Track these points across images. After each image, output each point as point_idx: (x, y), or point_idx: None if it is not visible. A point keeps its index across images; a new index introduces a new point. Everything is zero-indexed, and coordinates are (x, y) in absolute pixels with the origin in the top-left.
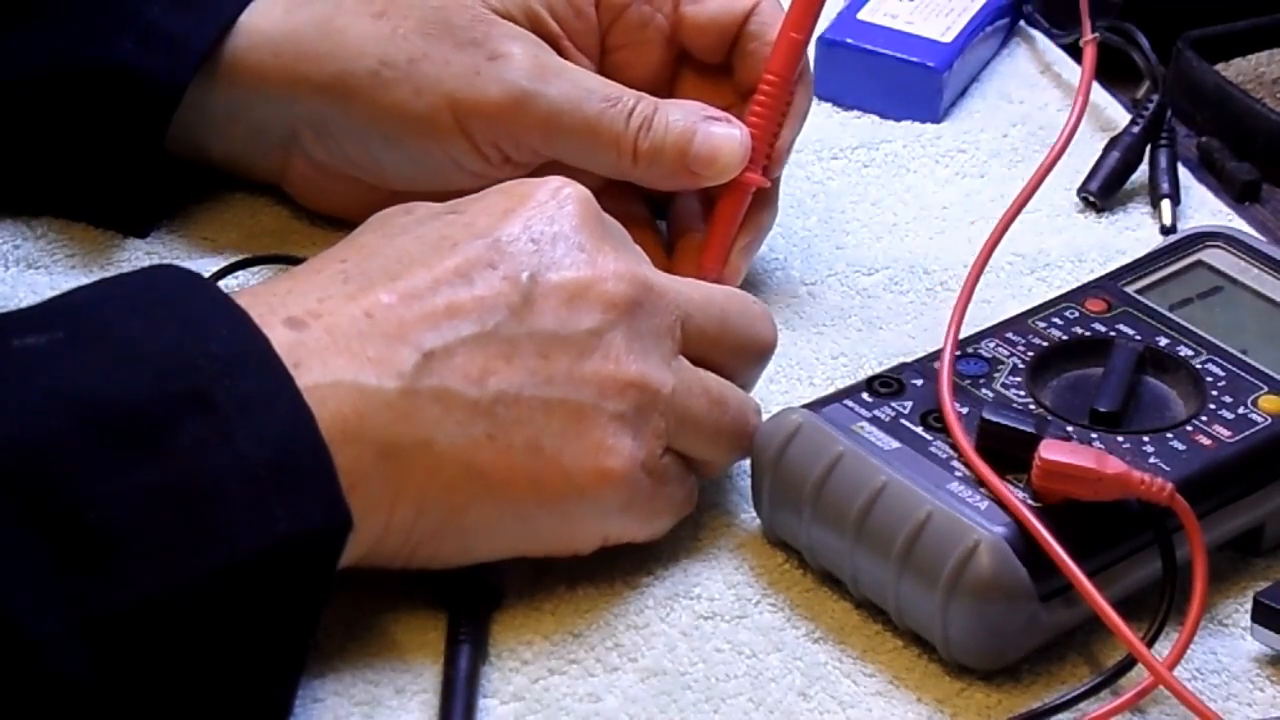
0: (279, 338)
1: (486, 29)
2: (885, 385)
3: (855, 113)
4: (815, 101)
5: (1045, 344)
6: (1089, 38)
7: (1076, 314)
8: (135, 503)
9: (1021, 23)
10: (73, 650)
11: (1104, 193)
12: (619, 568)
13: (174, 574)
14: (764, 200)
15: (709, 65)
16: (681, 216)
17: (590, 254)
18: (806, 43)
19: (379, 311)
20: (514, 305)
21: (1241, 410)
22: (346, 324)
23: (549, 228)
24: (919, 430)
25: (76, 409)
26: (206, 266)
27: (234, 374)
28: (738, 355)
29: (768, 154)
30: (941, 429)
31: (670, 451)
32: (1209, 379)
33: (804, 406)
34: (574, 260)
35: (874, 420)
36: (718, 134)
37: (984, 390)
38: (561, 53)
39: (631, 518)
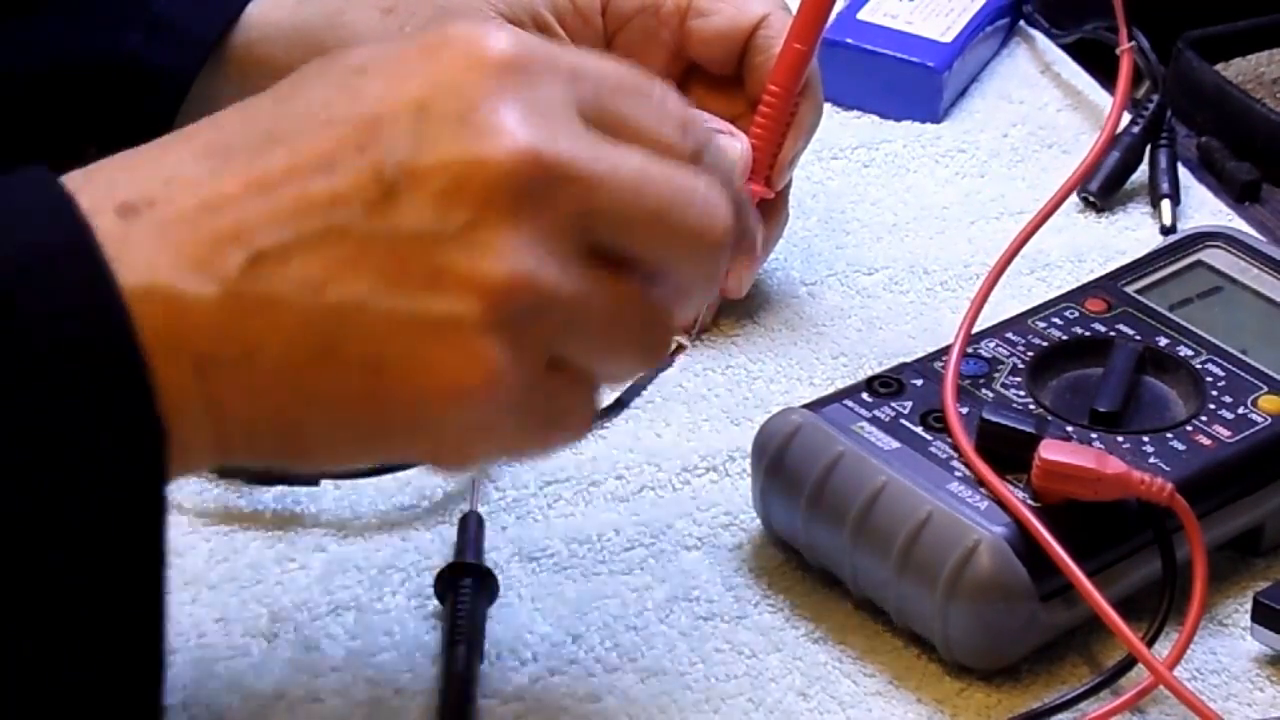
0: (105, 226)
1: None
2: (885, 385)
3: (855, 113)
4: None
5: (1045, 344)
6: (1125, 47)
7: (1076, 314)
8: None
9: (1021, 23)
10: None
11: (1104, 193)
12: (619, 568)
13: None
14: (770, 212)
15: (719, 74)
16: None
17: (484, 131)
18: (810, 54)
19: (218, 202)
20: (371, 200)
21: (1241, 410)
22: (178, 215)
23: (443, 99)
24: (919, 430)
25: None
26: None
27: (43, 273)
28: (676, 251)
29: (771, 165)
30: (941, 429)
31: (558, 361)
32: (1209, 379)
33: (804, 406)
34: (460, 140)
35: (874, 420)
36: (720, 146)
37: (984, 390)
38: None
39: (503, 438)
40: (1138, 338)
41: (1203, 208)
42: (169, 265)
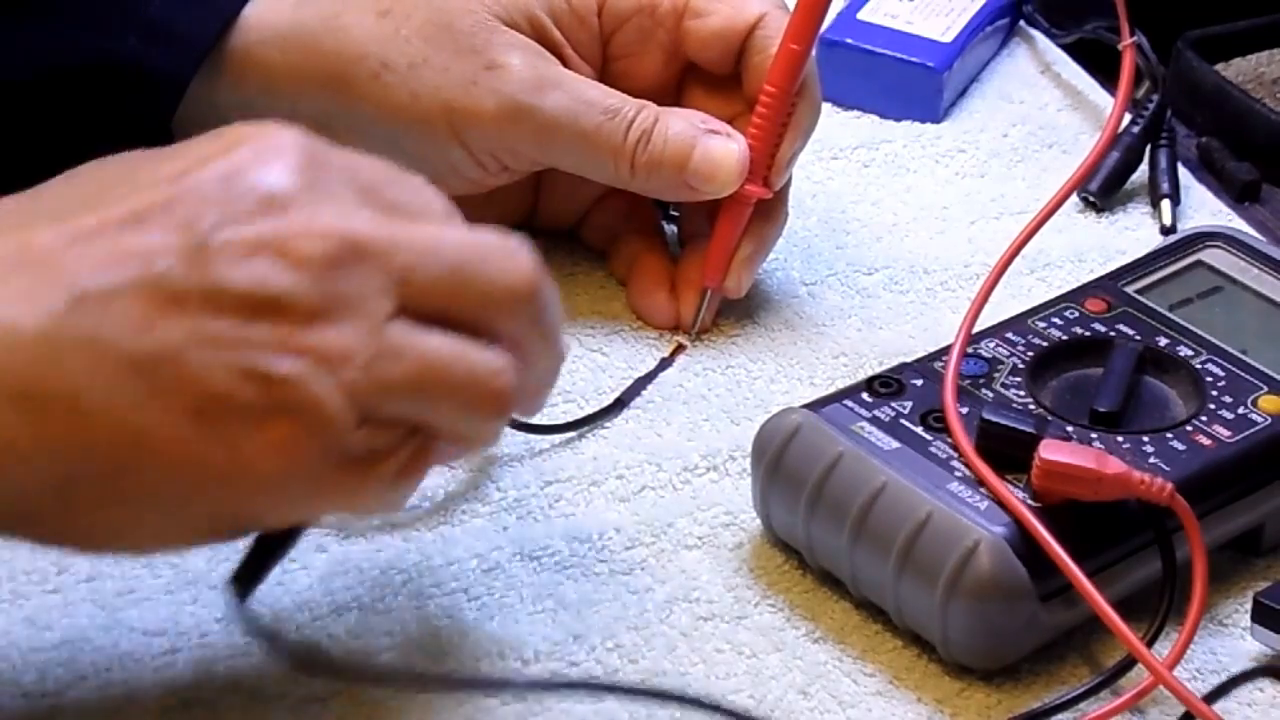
0: None
1: (487, 36)
2: (885, 385)
3: (855, 113)
4: None
5: (1045, 344)
6: (1126, 42)
7: (1076, 314)
8: None
9: (1021, 23)
10: None
11: (1104, 193)
12: (619, 568)
13: None
14: (768, 211)
15: (717, 75)
16: (691, 223)
17: (291, 207)
18: (807, 54)
19: (35, 247)
20: (186, 252)
21: (1241, 410)
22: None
23: (248, 176)
24: (919, 430)
25: None
26: None
27: None
28: (488, 305)
29: (769, 166)
30: (941, 429)
31: (377, 423)
32: (1209, 379)
33: (804, 406)
34: (268, 212)
35: (874, 420)
36: (716, 148)
37: (984, 390)
38: (564, 61)
39: (316, 498)
40: (1138, 338)
41: (1203, 208)
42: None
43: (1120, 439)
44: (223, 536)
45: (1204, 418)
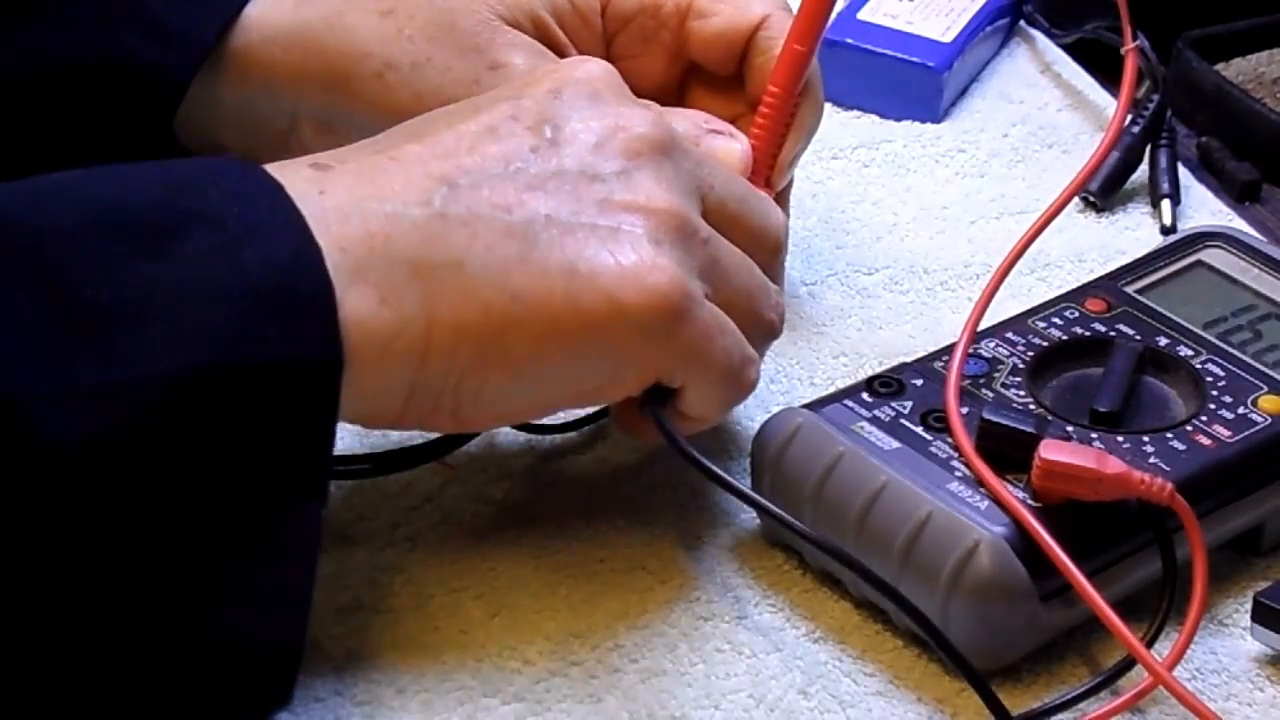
0: (303, 176)
1: (490, 36)
2: (885, 385)
3: (855, 113)
4: None
5: (1045, 344)
6: (1129, 46)
7: (1076, 314)
8: (134, 289)
9: (1021, 23)
10: (56, 415)
11: (1104, 193)
12: (619, 569)
13: (165, 361)
14: None
15: (720, 75)
16: None
17: (614, 107)
18: (810, 55)
19: (404, 157)
20: (539, 148)
21: (1241, 410)
22: (372, 166)
23: (573, 89)
24: (919, 430)
25: (85, 205)
26: None
27: (244, 204)
28: (753, 241)
29: (771, 166)
30: (941, 429)
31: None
32: (1209, 379)
33: (804, 406)
34: (598, 111)
35: (874, 420)
36: (719, 148)
37: (984, 390)
38: None
39: (682, 355)
40: (1138, 338)
41: (1203, 208)
42: (372, 193)
43: (1120, 439)
44: (589, 396)
45: (1204, 418)
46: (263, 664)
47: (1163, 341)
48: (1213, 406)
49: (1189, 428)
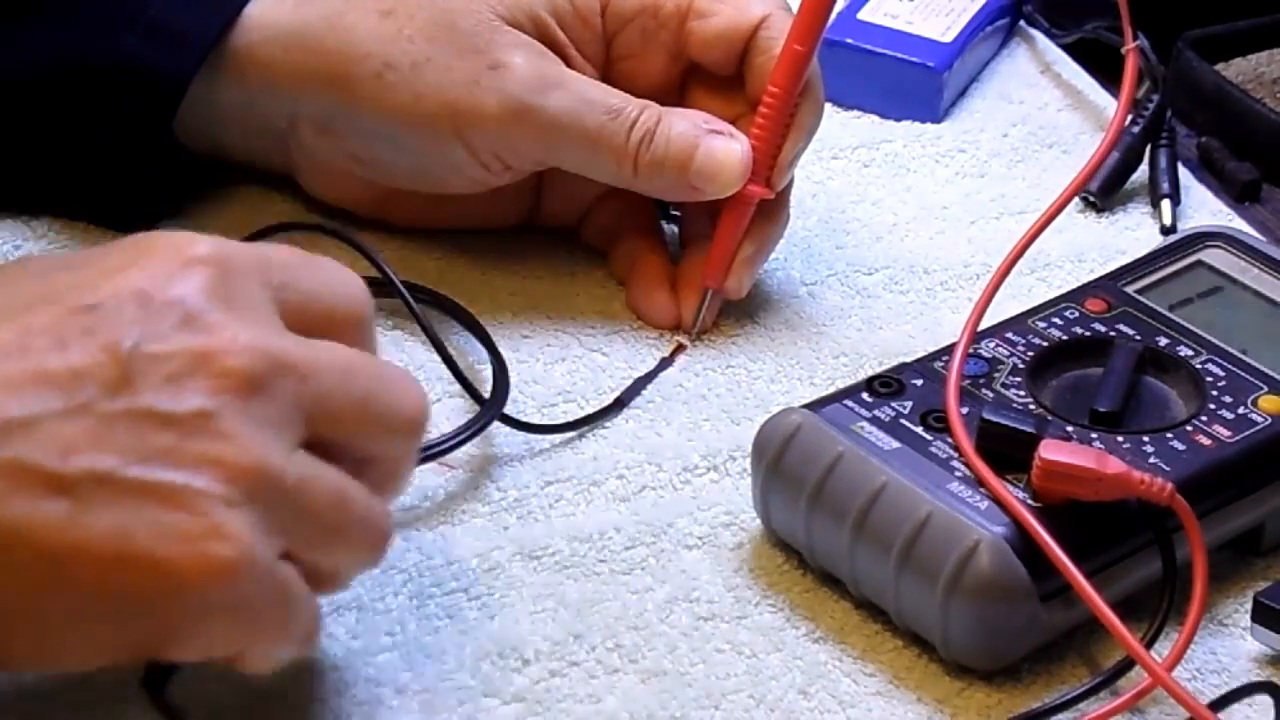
0: None
1: (490, 36)
2: (885, 385)
3: (855, 113)
4: None
5: (1045, 344)
6: (1130, 46)
7: (1076, 314)
8: None
9: (1021, 23)
10: None
11: (1104, 193)
12: (620, 568)
13: None
14: (770, 212)
15: (720, 75)
16: (691, 223)
17: (209, 324)
18: (810, 55)
19: None
20: (110, 380)
21: (1241, 410)
22: None
23: (163, 292)
24: (919, 430)
25: None
26: None
27: None
28: (381, 435)
29: (771, 166)
30: (941, 429)
31: (289, 559)
32: (1209, 379)
33: (804, 406)
34: (187, 330)
35: (874, 420)
36: (719, 149)
37: (984, 390)
38: (567, 61)
39: (243, 627)
40: (1138, 338)
41: (1203, 208)
42: None
43: (1120, 439)
44: (146, 655)
45: (1204, 418)
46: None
47: (1163, 341)
48: (1213, 406)
49: (1189, 428)
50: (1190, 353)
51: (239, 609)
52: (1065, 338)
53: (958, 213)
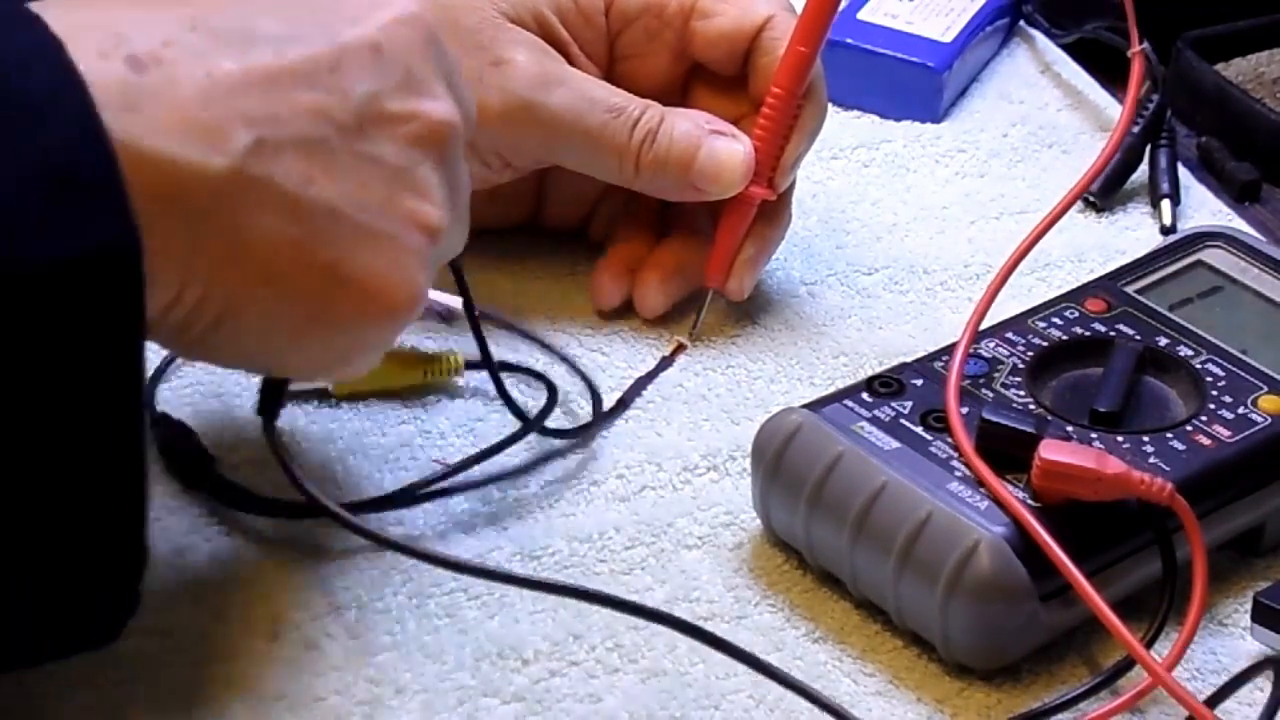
0: (117, 73)
1: (493, 33)
2: (885, 385)
3: (855, 113)
4: None
5: (1045, 344)
6: (1136, 50)
7: (1076, 314)
8: None
9: (1021, 23)
10: None
11: (1104, 193)
12: (619, 568)
13: None
14: (772, 213)
15: (723, 75)
16: (678, 217)
17: (422, 88)
18: (813, 57)
19: (222, 77)
20: (344, 123)
21: (1241, 410)
22: (187, 80)
23: (395, 50)
24: (919, 430)
25: None
26: None
27: (23, 70)
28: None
29: (773, 167)
30: (941, 429)
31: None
32: (1209, 379)
33: (804, 406)
34: (407, 89)
35: (874, 420)
36: (721, 149)
37: (984, 390)
38: (571, 59)
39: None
40: (1138, 338)
41: (1203, 208)
42: (178, 131)
43: (1120, 439)
44: (333, 370)
45: (1204, 418)
46: (102, 572)
47: (1163, 341)
48: (1213, 406)
49: (1189, 428)
50: (1190, 353)
51: (395, 337)
52: (1065, 338)
53: (958, 213)
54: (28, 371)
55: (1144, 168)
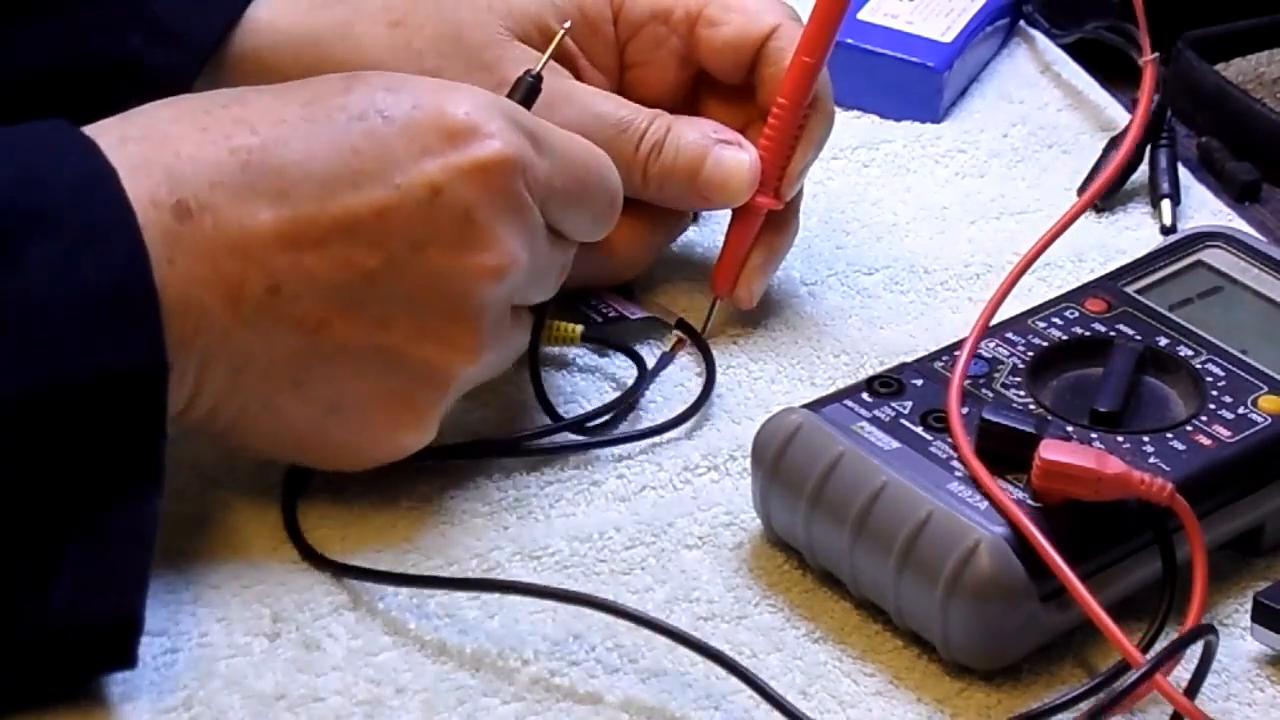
0: (164, 223)
1: (499, 52)
2: (885, 385)
3: (855, 113)
4: None
5: (1045, 344)
6: (1148, 58)
7: (1076, 314)
8: None
9: (1021, 23)
10: None
11: (1104, 193)
12: (620, 567)
13: (6, 382)
14: (779, 222)
15: (730, 84)
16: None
17: (478, 236)
18: (819, 67)
19: (256, 229)
20: (375, 273)
21: (1241, 410)
22: (222, 232)
23: (455, 194)
24: (919, 430)
25: None
26: None
27: (81, 202)
28: (595, 217)
29: (780, 177)
30: (941, 429)
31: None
32: (1209, 379)
33: (804, 406)
34: (461, 243)
35: (874, 420)
36: (728, 159)
37: (984, 390)
38: (578, 71)
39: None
40: (1138, 338)
41: (1203, 208)
42: (203, 283)
43: (1120, 439)
44: (418, 414)
45: (1204, 418)
46: (100, 637)
47: (1163, 341)
48: (1213, 406)
49: (1189, 428)
50: (1190, 353)
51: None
52: (1065, 338)
53: (958, 213)
54: (64, 462)
55: (1144, 168)
